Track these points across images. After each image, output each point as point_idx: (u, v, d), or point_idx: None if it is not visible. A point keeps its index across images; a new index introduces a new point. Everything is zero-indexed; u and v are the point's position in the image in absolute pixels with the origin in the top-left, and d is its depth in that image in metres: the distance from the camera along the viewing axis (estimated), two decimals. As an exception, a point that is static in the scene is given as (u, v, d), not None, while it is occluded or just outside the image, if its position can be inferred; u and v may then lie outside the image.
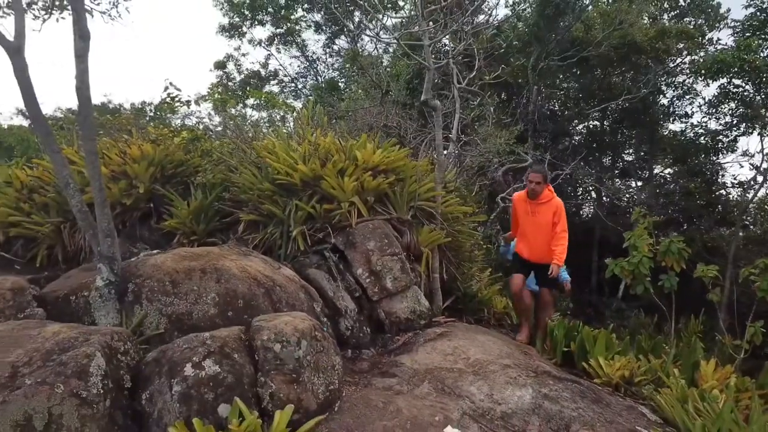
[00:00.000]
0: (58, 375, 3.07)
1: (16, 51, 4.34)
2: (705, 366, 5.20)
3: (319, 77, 20.16)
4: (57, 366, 3.14)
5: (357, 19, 17.45)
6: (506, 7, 12.37)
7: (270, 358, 3.60)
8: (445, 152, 7.67)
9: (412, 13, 9.81)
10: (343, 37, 18.98)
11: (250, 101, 17.88)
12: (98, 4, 6.49)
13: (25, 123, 20.64)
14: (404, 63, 11.04)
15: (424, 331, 5.19)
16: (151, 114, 20.61)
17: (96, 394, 3.13)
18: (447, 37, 6.55)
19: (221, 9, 18.59)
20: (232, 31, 19.04)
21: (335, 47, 19.64)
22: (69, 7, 6.54)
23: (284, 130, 7.47)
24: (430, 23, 6.52)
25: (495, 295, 7.12)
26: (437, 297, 6.04)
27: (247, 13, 18.45)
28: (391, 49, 14.42)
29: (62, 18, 6.88)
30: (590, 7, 12.73)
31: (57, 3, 6.42)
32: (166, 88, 6.27)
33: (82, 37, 4.24)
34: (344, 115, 9.57)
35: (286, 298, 4.55)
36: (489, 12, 11.15)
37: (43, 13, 6.19)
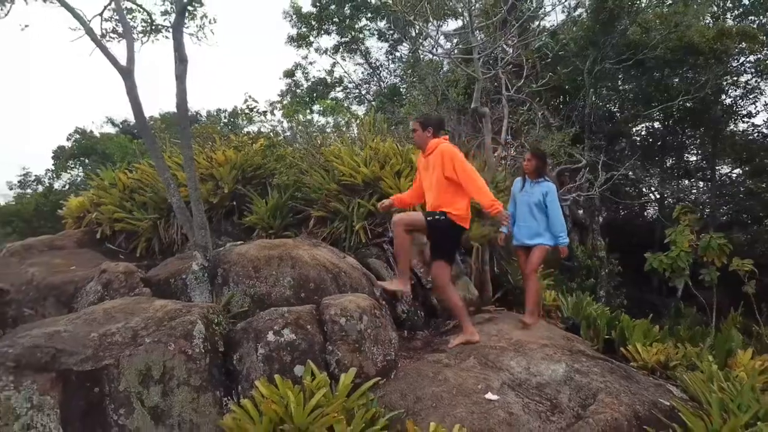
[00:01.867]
0: (169, 336, 3.86)
1: (128, 74, 5.23)
2: (742, 354, 5.52)
3: (381, 83, 20.93)
4: (168, 330, 3.93)
5: (418, 27, 18.08)
6: (562, 12, 12.70)
7: (336, 329, 4.28)
8: (500, 154, 8.17)
9: (466, 22, 10.35)
10: (404, 44, 19.66)
11: (316, 107, 18.86)
12: (187, 28, 7.37)
13: (113, 130, 22.45)
14: (462, 70, 11.56)
15: (473, 317, 5.73)
16: (225, 120, 21.93)
17: (198, 353, 3.90)
18: (498, 47, 7.06)
19: (290, 21, 19.70)
20: (300, 41, 20.07)
21: (397, 54, 20.38)
22: (162, 31, 7.49)
23: (348, 136, 8.18)
24: (482, 35, 7.05)
25: (544, 289, 7.54)
26: (487, 288, 6.56)
27: (314, 23, 19.46)
28: (450, 57, 14.96)
29: (156, 40, 7.76)
30: (648, 10, 12.84)
31: (152, 28, 7.33)
32: (246, 100, 7.10)
33: (181, 61, 5.07)
34: (403, 121, 10.21)
35: (350, 283, 5.22)
36: (541, 16, 11.53)
37: (141, 36, 7.12)
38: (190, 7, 6.06)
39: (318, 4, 18.83)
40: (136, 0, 6.60)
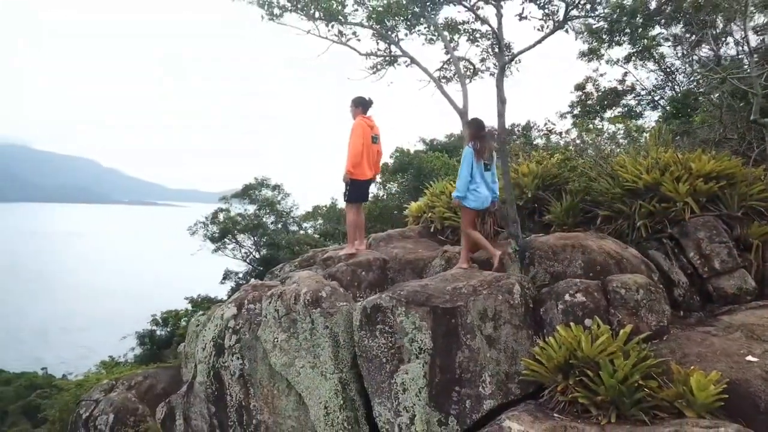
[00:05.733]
0: (498, 291, 5.77)
1: (463, 114, 7.39)
2: None
3: (676, 88, 20.50)
4: (496, 287, 5.84)
5: (720, 26, 17.51)
6: None
7: (617, 298, 5.70)
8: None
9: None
10: (704, 46, 19.05)
11: (607, 114, 19.64)
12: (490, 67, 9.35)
13: (422, 147, 26.33)
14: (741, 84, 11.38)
15: (748, 304, 6.44)
16: (517, 133, 23.95)
17: (517, 303, 5.74)
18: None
19: (581, 38, 20.74)
20: (590, 55, 20.96)
21: (695, 57, 19.77)
22: (478, 74, 9.63)
23: (633, 146, 9.26)
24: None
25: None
26: (769, 283, 7.07)
27: (605, 37, 20.17)
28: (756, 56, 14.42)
29: (474, 80, 9.91)
30: None
31: (474, 72, 9.51)
32: (546, 124, 8.80)
33: (502, 102, 7.00)
34: (693, 129, 10.61)
35: (630, 268, 6.49)
36: None
37: (467, 80, 9.35)
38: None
39: (609, 19, 19.52)
40: (465, 56, 8.86)
